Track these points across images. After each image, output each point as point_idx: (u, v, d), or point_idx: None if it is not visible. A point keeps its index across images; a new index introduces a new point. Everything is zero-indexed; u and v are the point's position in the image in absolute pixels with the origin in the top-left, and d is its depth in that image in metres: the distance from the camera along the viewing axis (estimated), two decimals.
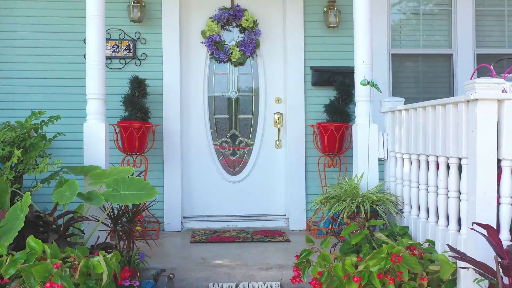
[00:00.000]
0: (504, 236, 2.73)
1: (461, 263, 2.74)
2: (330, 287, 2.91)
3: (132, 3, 5.12)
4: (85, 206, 3.65)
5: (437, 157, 3.19)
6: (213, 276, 3.89)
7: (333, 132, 4.93)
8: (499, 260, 2.40)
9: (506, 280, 2.46)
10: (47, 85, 5.15)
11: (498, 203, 2.75)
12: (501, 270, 2.43)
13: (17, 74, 5.14)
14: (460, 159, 2.92)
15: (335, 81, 5.17)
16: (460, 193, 2.90)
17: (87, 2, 3.98)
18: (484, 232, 2.53)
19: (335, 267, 2.91)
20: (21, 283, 2.62)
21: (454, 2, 5.46)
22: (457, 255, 2.61)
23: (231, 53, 5.34)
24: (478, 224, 2.54)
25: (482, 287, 2.62)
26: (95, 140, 3.93)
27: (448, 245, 2.79)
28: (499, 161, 2.75)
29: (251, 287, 3.86)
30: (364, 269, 2.84)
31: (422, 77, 5.51)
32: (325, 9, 5.28)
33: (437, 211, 3.23)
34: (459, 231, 2.96)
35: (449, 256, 2.87)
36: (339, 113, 5.00)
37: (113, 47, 5.20)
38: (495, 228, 2.69)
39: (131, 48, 5.23)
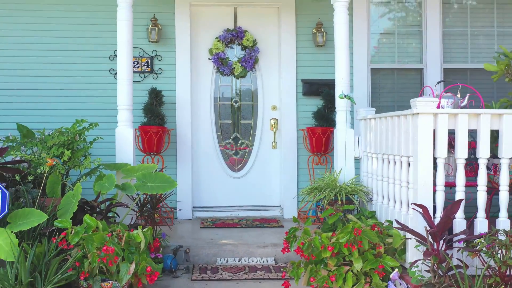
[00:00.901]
0: (439, 214, 3.65)
1: (408, 234, 3.68)
2: (310, 254, 3.84)
3: (150, 26, 6.05)
4: (119, 195, 4.58)
5: (394, 156, 4.12)
6: (220, 253, 4.83)
7: (320, 135, 5.86)
8: (428, 229, 3.34)
9: (435, 245, 3.39)
10: (80, 95, 6.07)
11: (435, 190, 3.68)
12: (430, 237, 3.36)
13: (67, 86, 6.06)
14: (409, 157, 3.85)
15: (322, 91, 6.10)
16: (408, 183, 3.84)
17: (118, 32, 4.90)
18: (420, 210, 3.46)
19: (314, 239, 3.84)
20: (81, 249, 3.55)
21: (425, 24, 6.38)
22: (401, 227, 3.55)
23: (234, 68, 6.28)
24: (416, 204, 3.48)
25: (421, 251, 3.55)
26: (125, 143, 4.86)
27: (396, 220, 3.74)
28: (435, 159, 3.68)
29: (251, 261, 4.81)
30: (335, 241, 3.76)
31: (397, 88, 6.44)
32: (314, 30, 6.21)
33: (394, 198, 4.16)
34: (408, 212, 3.89)
35: (400, 231, 3.80)
36: (325, 119, 5.94)
37: (134, 63, 6.12)
38: (433, 208, 3.63)
39: (149, 64, 6.16)
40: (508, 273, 3.33)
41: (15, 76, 6.05)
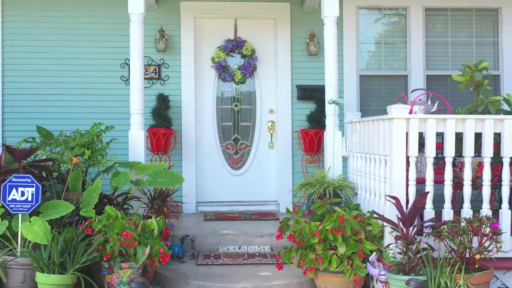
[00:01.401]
0: (411, 205, 4.24)
1: (384, 223, 4.26)
2: (301, 240, 4.41)
3: (158, 37, 6.65)
4: (132, 189, 5.16)
5: (375, 155, 4.70)
6: (222, 241, 5.41)
7: (312, 136, 6.45)
8: (400, 216, 3.92)
9: (405, 231, 3.97)
10: (94, 99, 6.67)
11: (408, 185, 4.27)
12: (401, 224, 3.95)
13: (82, 91, 6.66)
14: (386, 156, 4.43)
15: (314, 96, 6.69)
16: (385, 178, 4.42)
17: (131, 44, 5.47)
18: (394, 201, 4.05)
19: (304, 227, 4.42)
20: (103, 234, 4.13)
21: (409, 34, 6.97)
22: (378, 216, 4.14)
23: (234, 74, 6.86)
24: (390, 196, 4.07)
25: (393, 236, 4.12)
26: (137, 143, 5.43)
27: (373, 210, 4.32)
28: (408, 157, 4.27)
29: (250, 248, 5.39)
30: (322, 228, 4.33)
31: (383, 93, 7.02)
32: (307, 41, 6.80)
33: (374, 192, 4.74)
34: (385, 203, 4.47)
35: (378, 220, 4.38)
36: (317, 122, 6.53)
37: (143, 71, 6.69)
38: (406, 200, 4.21)
39: (157, 71, 6.75)
40: (467, 255, 3.91)
41: (34, 83, 6.65)
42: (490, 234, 3.88)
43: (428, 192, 4.14)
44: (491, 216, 4.09)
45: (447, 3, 6.99)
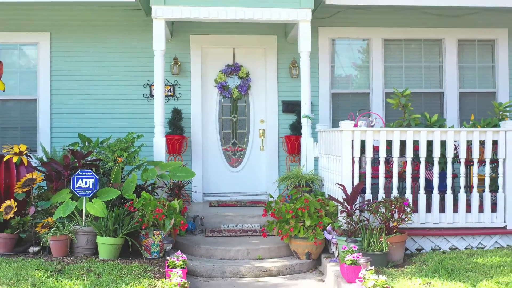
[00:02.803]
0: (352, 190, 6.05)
1: (336, 203, 6.08)
2: (280, 216, 6.23)
3: (173, 63, 8.48)
4: (157, 182, 6.97)
5: (333, 155, 6.52)
6: (223, 221, 7.23)
7: (294, 141, 8.28)
8: (344, 197, 5.75)
9: (349, 208, 5.79)
10: (121, 112, 8.50)
11: (353, 176, 6.08)
12: (346, 203, 5.77)
13: (111, 106, 8.49)
14: (339, 156, 6.25)
15: (296, 110, 8.51)
16: (339, 172, 6.24)
17: (155, 73, 7.25)
18: (342, 188, 5.87)
19: (281, 207, 6.24)
20: (141, 211, 5.96)
21: (371, 60, 8.79)
22: (331, 198, 5.96)
23: (233, 92, 8.69)
24: (339, 184, 5.89)
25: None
26: (160, 148, 7.24)
27: (328, 194, 6.15)
28: (353, 157, 6.09)
29: (244, 226, 7.20)
30: (294, 207, 6.15)
31: (351, 107, 8.78)
32: (290, 66, 8.63)
33: (333, 182, 6.56)
34: (337, 189, 6.29)
35: (334, 202, 6.19)
36: (298, 130, 8.34)
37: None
38: (351, 187, 6.02)
39: (172, 90, 8.58)
40: (390, 224, 5.73)
41: (75, 99, 8.48)
42: (406, 209, 5.70)
43: (363, 181, 5.97)
44: (409, 199, 5.91)
45: (401, 35, 8.82)
